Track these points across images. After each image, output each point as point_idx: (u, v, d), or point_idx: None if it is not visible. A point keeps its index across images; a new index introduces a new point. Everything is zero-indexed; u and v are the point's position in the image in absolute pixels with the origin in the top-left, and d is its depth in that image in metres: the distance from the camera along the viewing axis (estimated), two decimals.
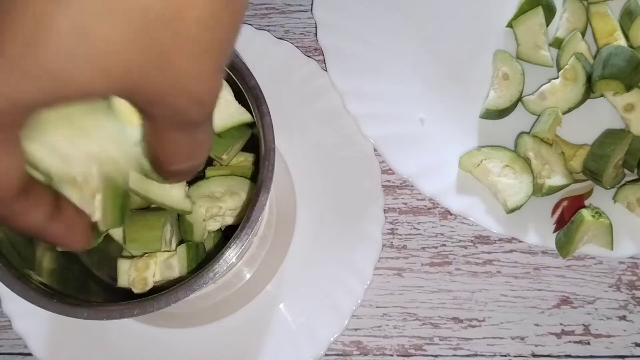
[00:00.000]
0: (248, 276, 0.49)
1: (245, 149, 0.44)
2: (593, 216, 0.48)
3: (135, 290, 0.40)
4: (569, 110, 0.51)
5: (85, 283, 0.42)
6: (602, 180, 0.49)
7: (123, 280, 0.40)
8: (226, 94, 0.40)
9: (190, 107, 0.22)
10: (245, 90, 0.38)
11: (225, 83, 0.40)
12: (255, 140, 0.38)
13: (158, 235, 0.39)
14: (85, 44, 0.19)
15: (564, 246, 0.48)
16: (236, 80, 0.38)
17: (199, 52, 0.21)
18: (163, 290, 0.35)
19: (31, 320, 0.47)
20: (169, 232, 0.41)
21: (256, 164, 0.43)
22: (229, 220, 0.42)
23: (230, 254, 0.35)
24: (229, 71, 0.39)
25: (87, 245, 0.28)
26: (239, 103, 0.40)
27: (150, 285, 0.40)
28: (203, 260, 0.42)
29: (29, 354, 0.49)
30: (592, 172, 0.49)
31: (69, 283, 0.39)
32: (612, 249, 0.48)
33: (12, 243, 0.38)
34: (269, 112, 0.37)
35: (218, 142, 0.41)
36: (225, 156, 0.42)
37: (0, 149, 0.21)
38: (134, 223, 0.39)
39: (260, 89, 0.38)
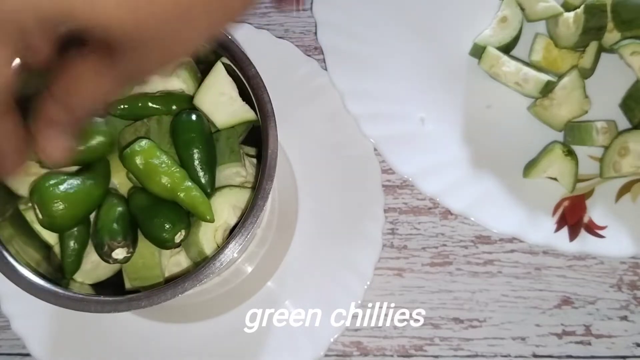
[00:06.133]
0: (249, 269, 0.49)
1: (246, 142, 0.44)
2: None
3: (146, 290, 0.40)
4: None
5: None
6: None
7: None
8: (231, 91, 0.40)
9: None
10: (246, 79, 0.38)
11: (230, 79, 0.40)
12: (257, 134, 0.38)
13: (158, 274, 0.39)
14: None
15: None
16: (236, 70, 0.38)
17: None
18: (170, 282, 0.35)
19: (30, 320, 0.47)
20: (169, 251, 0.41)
21: (258, 156, 0.43)
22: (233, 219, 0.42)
23: (235, 244, 0.35)
24: (229, 62, 0.39)
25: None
26: (244, 101, 0.40)
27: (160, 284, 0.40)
28: (206, 257, 0.42)
29: (28, 354, 0.48)
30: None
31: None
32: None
33: (23, 242, 0.38)
34: (270, 101, 0.37)
35: None
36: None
37: None
38: (132, 263, 0.39)
39: (260, 78, 0.37)
